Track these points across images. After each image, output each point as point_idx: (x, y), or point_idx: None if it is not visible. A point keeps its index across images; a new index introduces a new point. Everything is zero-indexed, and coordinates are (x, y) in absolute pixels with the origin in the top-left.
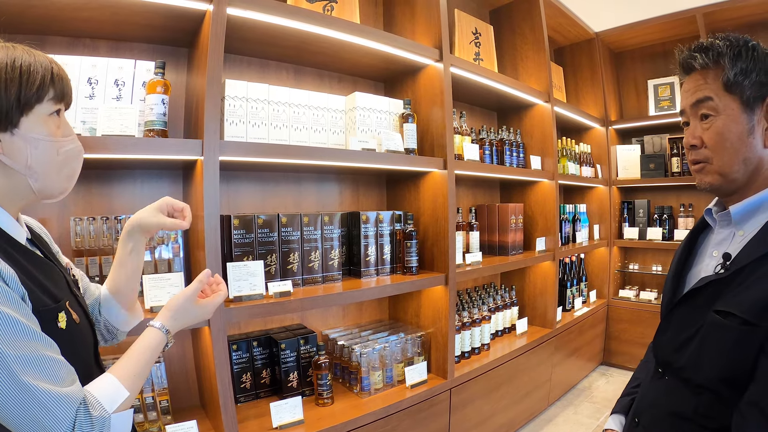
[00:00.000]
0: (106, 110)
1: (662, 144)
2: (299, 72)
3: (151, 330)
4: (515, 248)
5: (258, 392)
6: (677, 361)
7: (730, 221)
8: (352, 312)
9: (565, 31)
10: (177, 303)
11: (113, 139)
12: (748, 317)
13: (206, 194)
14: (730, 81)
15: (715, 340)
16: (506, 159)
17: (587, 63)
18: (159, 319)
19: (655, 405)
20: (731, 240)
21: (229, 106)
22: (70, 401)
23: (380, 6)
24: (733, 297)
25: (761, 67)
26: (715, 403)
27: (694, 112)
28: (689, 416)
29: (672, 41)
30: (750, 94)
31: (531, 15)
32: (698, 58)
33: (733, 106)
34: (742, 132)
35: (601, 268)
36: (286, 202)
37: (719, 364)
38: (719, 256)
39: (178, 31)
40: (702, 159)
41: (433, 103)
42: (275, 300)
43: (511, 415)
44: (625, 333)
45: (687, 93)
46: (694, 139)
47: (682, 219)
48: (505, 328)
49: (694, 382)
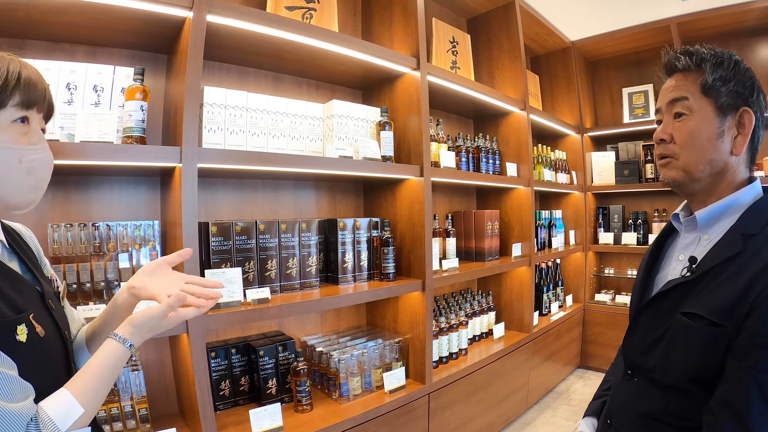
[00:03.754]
0: (85, 116)
1: (636, 151)
2: (278, 79)
3: (114, 343)
4: (492, 254)
5: (237, 399)
6: (646, 362)
7: (695, 226)
8: (330, 318)
9: (542, 40)
10: (141, 320)
11: (91, 146)
12: (714, 318)
13: (184, 201)
14: (708, 84)
15: (683, 341)
16: (482, 166)
17: (563, 71)
18: (122, 332)
19: (626, 406)
20: (697, 244)
21: (207, 113)
22: (19, 418)
23: (359, 14)
24: (699, 299)
25: (740, 80)
26: (684, 403)
27: (668, 110)
28: (659, 416)
29: (646, 50)
30: (725, 101)
31: (508, 24)
32: (682, 59)
33: (707, 109)
34: (712, 134)
35: (577, 273)
36: (263, 209)
37: (687, 364)
38: (685, 259)
39: (157, 38)
40: (669, 154)
41: (410, 111)
42: (253, 307)
43: (489, 419)
44: (602, 336)
45: (665, 92)
46: (664, 134)
47: (657, 224)
48: (483, 333)
49: (663, 383)
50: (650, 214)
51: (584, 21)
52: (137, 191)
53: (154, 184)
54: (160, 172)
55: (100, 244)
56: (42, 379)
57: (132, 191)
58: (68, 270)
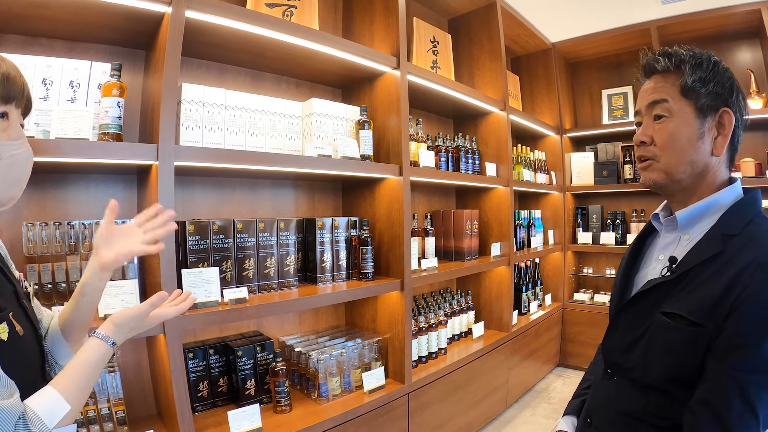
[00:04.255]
0: (61, 112)
1: (615, 152)
2: (257, 77)
3: (97, 341)
4: (471, 254)
5: (215, 401)
6: (626, 362)
7: (676, 226)
8: (308, 318)
9: (522, 41)
10: (123, 320)
11: (67, 143)
12: (694, 318)
13: (161, 200)
14: (687, 86)
15: (663, 341)
16: (462, 166)
17: (543, 72)
18: (105, 331)
19: (606, 405)
20: (677, 244)
21: (185, 111)
22: (8, 415)
23: (339, 12)
24: (679, 299)
25: (719, 80)
26: (664, 402)
27: (648, 112)
28: (639, 415)
29: (626, 52)
30: (705, 102)
31: (489, 25)
32: (661, 61)
33: (687, 111)
34: (692, 136)
35: (556, 273)
36: (241, 208)
37: (667, 364)
38: (665, 259)
39: (136, 33)
40: (650, 156)
41: (390, 110)
42: (231, 307)
43: (469, 419)
44: (581, 335)
45: (644, 94)
46: (644, 137)
47: (635, 224)
48: (462, 332)
49: (643, 383)
50: (628, 215)
51: (565, 23)
52: (114, 189)
53: (130, 182)
54: (137, 170)
55: (75, 243)
56: (23, 377)
57: (108, 189)
58: (43, 269)
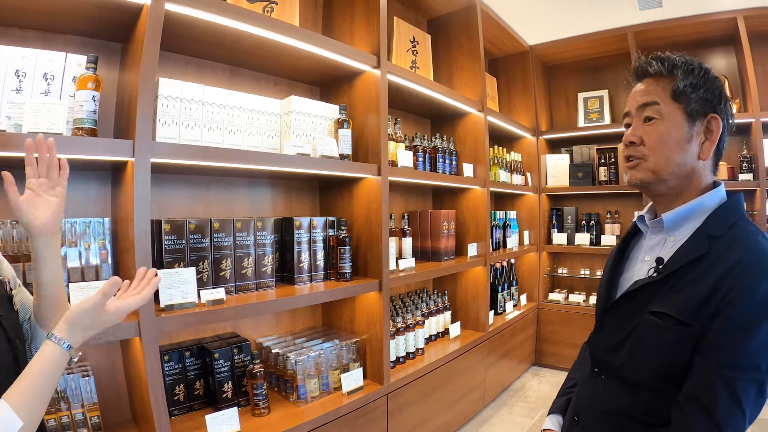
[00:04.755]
0: (34, 105)
1: (590, 154)
2: (235, 73)
3: (50, 346)
4: (447, 254)
5: (192, 404)
6: (613, 360)
7: (661, 228)
8: (285, 319)
9: (501, 43)
10: (75, 316)
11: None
12: (682, 318)
13: (137, 198)
14: (678, 90)
15: (651, 339)
16: (439, 166)
17: (520, 74)
18: (58, 332)
19: (593, 403)
20: (662, 245)
21: (162, 106)
22: None
23: (320, 9)
24: (667, 299)
25: (709, 87)
26: (652, 399)
27: (638, 114)
28: (627, 412)
29: (603, 57)
30: (694, 107)
31: (468, 26)
32: (654, 64)
33: (677, 114)
34: (681, 139)
35: (531, 273)
36: (217, 207)
37: (656, 362)
38: (651, 260)
39: (113, 25)
40: (638, 156)
41: (369, 110)
42: (208, 308)
43: (447, 418)
44: (556, 334)
45: (635, 95)
46: (634, 137)
47: (609, 225)
48: (439, 332)
49: (631, 381)
50: (603, 216)
51: (543, 26)
52: (86, 186)
53: (104, 179)
54: (111, 166)
55: None
56: None
57: (81, 186)
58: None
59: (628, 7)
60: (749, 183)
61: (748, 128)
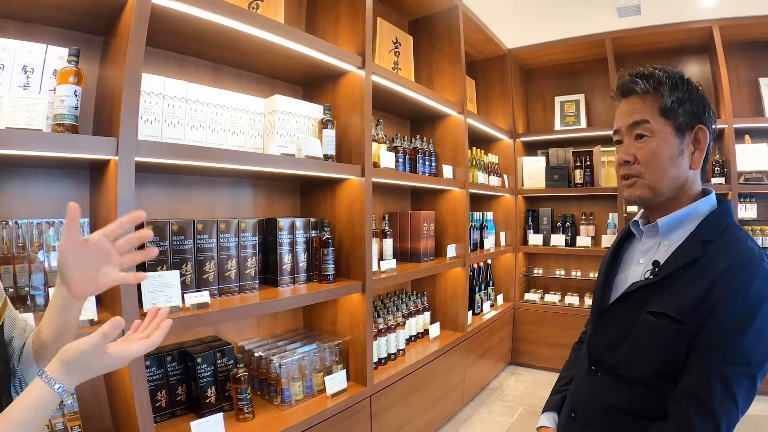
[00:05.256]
0: (12, 99)
1: (566, 157)
2: (218, 70)
3: (40, 384)
4: (427, 255)
5: (174, 410)
6: (611, 358)
7: (656, 232)
8: (267, 321)
9: (480, 46)
10: (72, 356)
11: (18, 133)
12: (680, 317)
13: (120, 198)
14: (667, 107)
15: (649, 337)
16: (419, 167)
17: (499, 77)
18: (51, 371)
19: (590, 400)
20: (657, 249)
21: (144, 103)
22: None
23: (303, 8)
24: (663, 300)
25: (694, 99)
26: (649, 395)
27: (629, 132)
28: (624, 408)
29: (580, 61)
30: (682, 121)
31: (450, 29)
32: (640, 83)
33: (666, 130)
34: (673, 153)
35: (508, 273)
36: (199, 208)
37: (653, 360)
38: (646, 263)
39: (95, 16)
40: (635, 174)
41: (353, 110)
42: (192, 312)
43: (428, 418)
44: (532, 334)
45: (624, 114)
46: (628, 156)
47: (584, 226)
48: (419, 333)
49: (629, 378)
50: (578, 217)
51: (522, 30)
52: (64, 185)
53: (83, 178)
54: (91, 165)
55: (23, 244)
56: None
57: (58, 185)
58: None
59: (607, 14)
60: (721, 186)
61: (721, 134)
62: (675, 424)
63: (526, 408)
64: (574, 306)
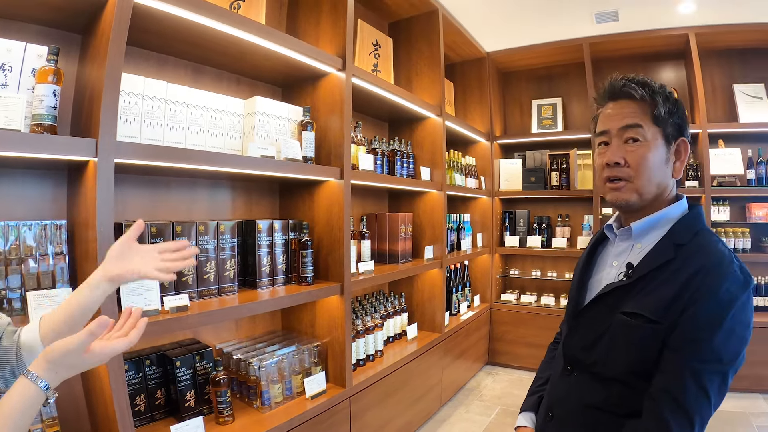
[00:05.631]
0: None
1: (543, 159)
2: (198, 71)
3: (25, 383)
4: (405, 256)
5: (153, 414)
6: (588, 358)
7: (629, 235)
8: (245, 324)
9: (459, 48)
10: (58, 355)
11: None
12: (654, 317)
13: (99, 200)
14: (660, 116)
15: (624, 337)
16: (397, 169)
17: (477, 80)
18: (36, 369)
19: (567, 399)
20: (630, 251)
21: (123, 103)
22: None
23: (284, 9)
24: (637, 300)
25: (680, 113)
26: (624, 393)
27: (620, 134)
28: (600, 406)
29: (558, 66)
30: (670, 132)
31: (429, 31)
32: (638, 89)
33: (658, 137)
34: (661, 160)
35: (484, 274)
36: (177, 210)
37: (628, 358)
38: (620, 265)
39: (75, 14)
40: (624, 177)
41: (333, 112)
42: (172, 315)
43: (407, 418)
44: (508, 334)
45: (615, 117)
46: (618, 158)
47: (560, 228)
48: (396, 334)
49: (605, 376)
50: (554, 219)
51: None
52: (41, 186)
53: (60, 179)
54: (69, 166)
55: None
56: None
57: (36, 187)
58: None
59: (585, 19)
60: (695, 190)
61: (695, 138)
62: (650, 420)
63: (503, 407)
64: (550, 306)
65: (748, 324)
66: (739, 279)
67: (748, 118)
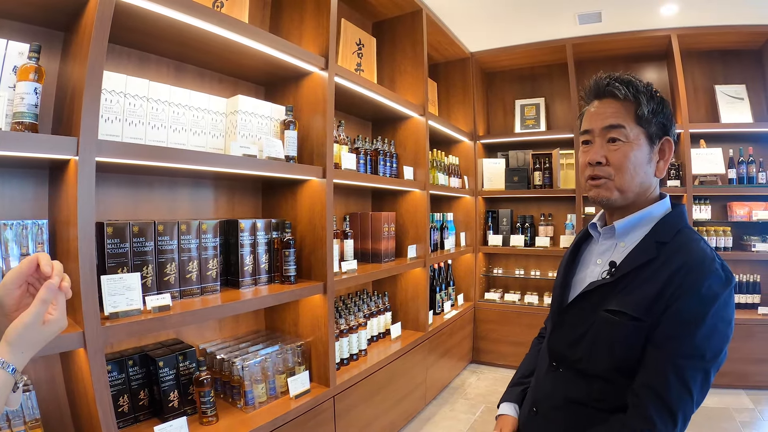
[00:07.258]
0: None
1: (526, 159)
2: (180, 69)
3: None
4: (388, 255)
5: (137, 415)
6: (573, 354)
7: (613, 234)
8: (228, 323)
9: (443, 48)
10: (17, 334)
11: None
12: (636, 314)
13: (80, 199)
14: (644, 116)
15: (608, 335)
16: (380, 169)
17: (460, 80)
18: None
19: (552, 394)
20: (613, 250)
21: (104, 101)
22: None
23: (268, 8)
24: (620, 298)
25: (665, 112)
26: (607, 389)
27: (602, 134)
28: (584, 401)
29: (541, 66)
30: (654, 131)
31: (413, 31)
32: (621, 88)
33: (640, 137)
34: (643, 160)
35: (468, 273)
36: (159, 209)
37: (612, 355)
38: (604, 263)
39: (57, 11)
40: (605, 175)
41: (315, 111)
42: (154, 315)
43: (392, 417)
44: (492, 332)
45: (599, 116)
46: (600, 157)
47: (543, 227)
48: (380, 333)
49: (589, 372)
50: (537, 218)
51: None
52: (22, 185)
53: (41, 178)
54: (50, 164)
55: None
56: None
57: (16, 185)
58: None
59: (568, 20)
60: (677, 189)
61: (677, 138)
62: (633, 415)
63: (488, 405)
64: (533, 305)
65: (729, 321)
66: (721, 277)
67: (730, 118)
